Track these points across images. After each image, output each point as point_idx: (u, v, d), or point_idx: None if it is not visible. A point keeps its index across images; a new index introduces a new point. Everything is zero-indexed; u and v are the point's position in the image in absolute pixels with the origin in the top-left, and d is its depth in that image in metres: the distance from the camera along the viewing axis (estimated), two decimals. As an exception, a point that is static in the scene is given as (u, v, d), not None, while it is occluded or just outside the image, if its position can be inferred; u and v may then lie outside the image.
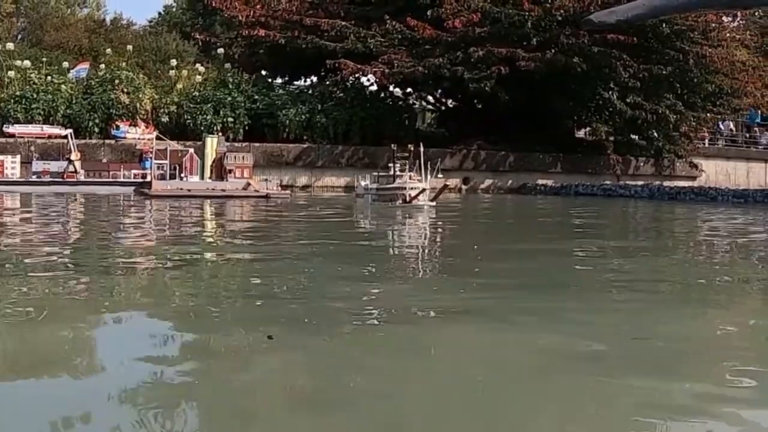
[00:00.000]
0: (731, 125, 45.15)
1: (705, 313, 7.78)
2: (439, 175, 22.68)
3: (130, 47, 36.20)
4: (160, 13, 59.89)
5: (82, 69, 33.63)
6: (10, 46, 34.33)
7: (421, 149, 22.22)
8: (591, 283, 9.47)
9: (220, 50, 36.41)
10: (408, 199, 21.16)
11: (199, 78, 33.87)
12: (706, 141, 42.33)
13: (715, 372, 5.40)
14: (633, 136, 36.26)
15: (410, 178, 21.54)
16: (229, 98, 32.57)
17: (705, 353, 6.03)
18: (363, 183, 23.89)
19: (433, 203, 21.45)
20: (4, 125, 30.37)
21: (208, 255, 11.82)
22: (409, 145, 22.30)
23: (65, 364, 5.44)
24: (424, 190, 21.30)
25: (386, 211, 20.70)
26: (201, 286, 9.01)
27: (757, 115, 45.37)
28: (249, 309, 7.47)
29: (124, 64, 33.64)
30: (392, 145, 22.82)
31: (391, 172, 22.29)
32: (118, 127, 31.33)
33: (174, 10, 58.72)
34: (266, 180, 28.52)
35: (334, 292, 8.09)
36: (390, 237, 16.21)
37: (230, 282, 9.35)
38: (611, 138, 35.46)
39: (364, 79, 34.85)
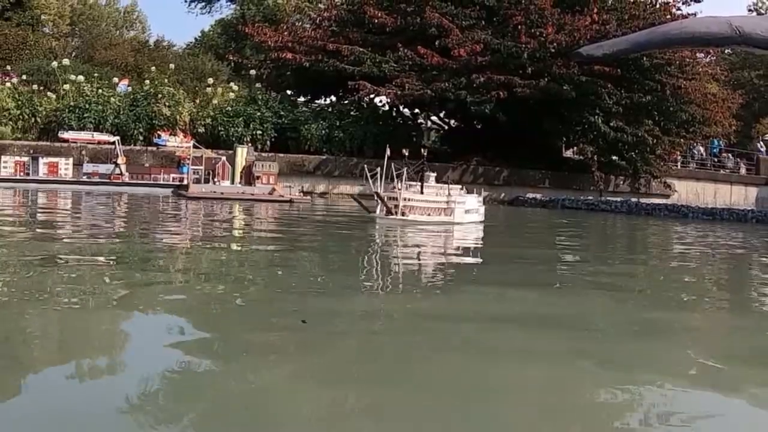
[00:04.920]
0: (702, 150, 45.24)
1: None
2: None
3: (172, 66, 36.39)
4: (197, 38, 60.19)
5: (124, 85, 34.03)
6: (66, 61, 34.68)
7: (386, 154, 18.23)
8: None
9: (252, 71, 36.61)
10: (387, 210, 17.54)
11: (232, 95, 34.07)
12: (679, 163, 42.42)
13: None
14: (614, 157, 36.32)
15: (396, 188, 17.77)
16: (258, 113, 32.77)
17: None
18: None
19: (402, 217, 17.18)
20: (60, 131, 30.61)
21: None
22: (423, 150, 19.48)
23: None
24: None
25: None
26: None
27: (717, 144, 45.49)
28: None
29: (166, 80, 33.85)
30: (403, 150, 19.07)
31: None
32: (159, 136, 31.56)
33: (210, 34, 58.99)
34: (289, 186, 28.68)
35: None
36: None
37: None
38: (595, 157, 35.52)
39: (377, 100, 34.95)
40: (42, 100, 31.80)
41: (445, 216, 18.21)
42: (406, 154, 18.77)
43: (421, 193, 18.18)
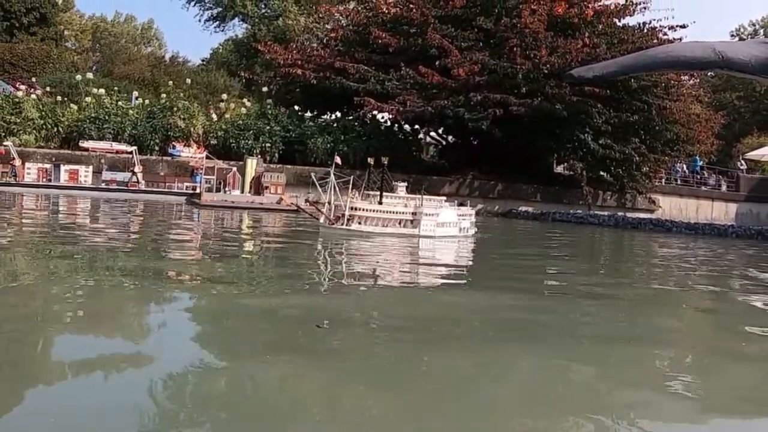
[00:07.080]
0: (685, 167, 45.28)
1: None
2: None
3: (189, 80, 36.52)
4: (212, 54, 60.35)
5: (134, 96, 34.49)
6: (89, 75, 34.92)
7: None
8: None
9: (265, 88, 36.81)
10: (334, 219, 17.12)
11: (243, 110, 34.22)
12: (663, 180, 42.46)
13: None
14: (602, 173, 36.36)
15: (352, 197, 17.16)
16: (268, 127, 32.89)
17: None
18: None
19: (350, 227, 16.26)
20: (80, 141, 30.77)
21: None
22: (383, 160, 18.11)
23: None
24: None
25: None
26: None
27: (696, 162, 45.55)
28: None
29: (182, 94, 33.98)
30: (369, 159, 18.95)
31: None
32: (174, 147, 31.72)
33: (222, 51, 59.15)
34: (296, 196, 28.71)
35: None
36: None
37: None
38: (584, 173, 35.60)
39: (379, 116, 35.06)
40: (64, 111, 31.98)
41: (408, 228, 16.87)
42: (371, 162, 18.27)
43: (380, 203, 17.01)
